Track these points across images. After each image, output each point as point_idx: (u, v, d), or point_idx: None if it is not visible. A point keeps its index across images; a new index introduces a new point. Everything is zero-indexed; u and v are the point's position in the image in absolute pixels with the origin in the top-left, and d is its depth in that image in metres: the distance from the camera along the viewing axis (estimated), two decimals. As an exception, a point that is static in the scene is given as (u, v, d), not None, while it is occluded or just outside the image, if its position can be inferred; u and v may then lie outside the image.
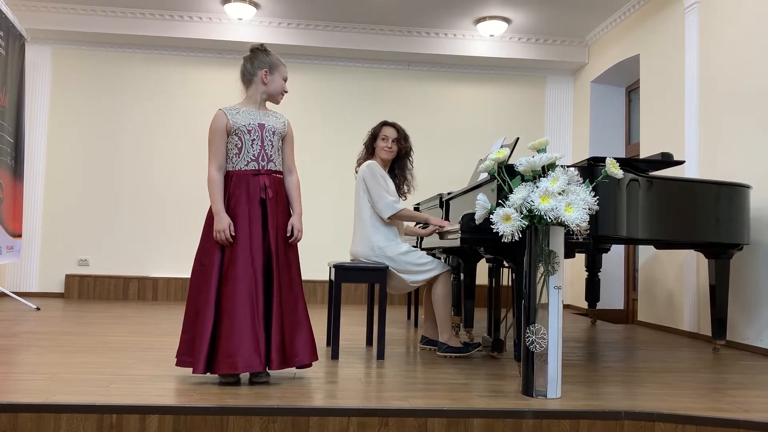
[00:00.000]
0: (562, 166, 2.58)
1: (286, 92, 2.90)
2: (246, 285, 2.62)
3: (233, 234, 2.66)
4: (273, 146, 2.78)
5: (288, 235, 2.77)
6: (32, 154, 6.48)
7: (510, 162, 2.79)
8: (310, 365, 2.78)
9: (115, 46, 6.70)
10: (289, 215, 2.82)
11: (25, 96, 6.07)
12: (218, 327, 2.60)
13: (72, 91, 6.67)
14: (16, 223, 5.81)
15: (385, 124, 3.79)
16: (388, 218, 3.55)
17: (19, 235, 5.92)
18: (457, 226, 3.17)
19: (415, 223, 3.92)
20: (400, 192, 3.77)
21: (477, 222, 2.73)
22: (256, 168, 2.74)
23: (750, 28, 4.25)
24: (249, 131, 2.74)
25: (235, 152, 2.74)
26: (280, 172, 2.82)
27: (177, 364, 2.69)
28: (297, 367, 2.75)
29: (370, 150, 3.76)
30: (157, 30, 6.44)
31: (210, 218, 2.74)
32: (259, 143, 2.75)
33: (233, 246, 2.66)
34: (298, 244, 2.85)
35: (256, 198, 2.71)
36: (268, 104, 2.92)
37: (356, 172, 3.79)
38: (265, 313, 2.65)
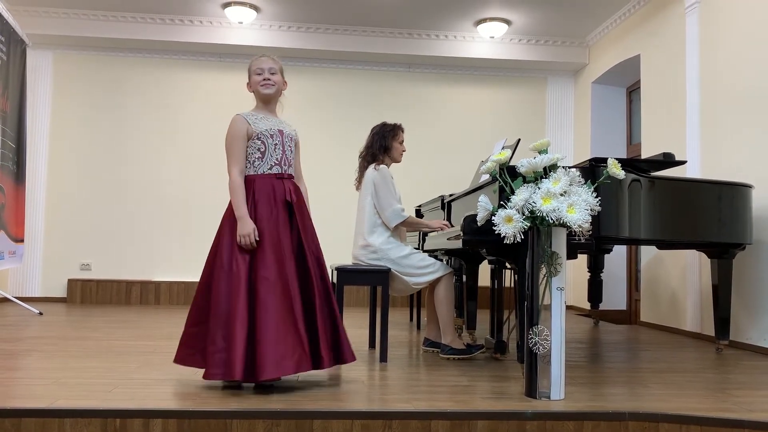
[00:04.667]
0: (563, 167, 2.58)
1: (266, 80, 2.80)
2: (282, 288, 2.60)
3: (257, 239, 2.63)
4: (291, 152, 2.84)
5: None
6: (34, 159, 6.49)
7: (511, 163, 2.79)
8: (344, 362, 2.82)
9: (116, 51, 6.72)
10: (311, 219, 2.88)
11: (26, 101, 6.08)
12: (255, 333, 2.53)
13: (73, 95, 6.68)
14: (19, 227, 5.82)
15: (402, 128, 3.78)
16: (393, 226, 3.55)
17: (22, 240, 5.93)
18: (458, 229, 3.17)
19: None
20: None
21: (479, 224, 2.73)
22: (280, 172, 2.76)
23: (750, 27, 4.25)
24: (272, 136, 2.76)
25: (258, 156, 2.74)
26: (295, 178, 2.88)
27: (207, 377, 2.55)
28: (342, 364, 2.81)
29: (382, 149, 3.70)
30: (157, 34, 6.45)
31: (228, 222, 2.70)
32: (281, 148, 2.77)
33: (261, 250, 2.63)
34: None
35: (282, 201, 2.72)
36: (280, 108, 2.93)
37: (360, 167, 3.75)
38: (308, 314, 2.65)
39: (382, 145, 3.70)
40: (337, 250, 6.41)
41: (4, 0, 5.55)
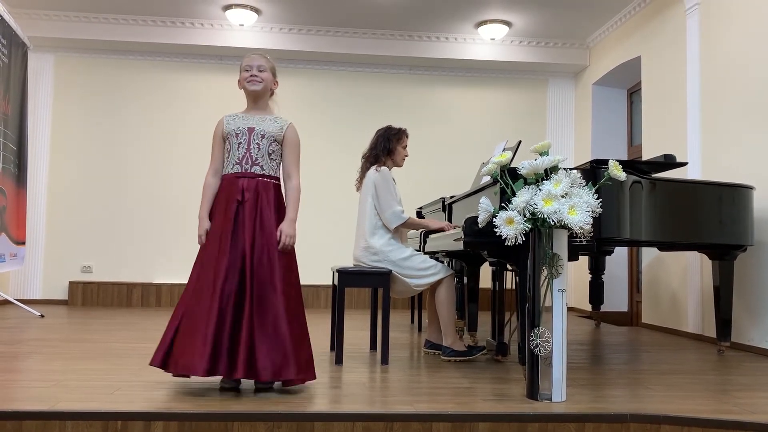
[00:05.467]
0: (564, 168, 2.58)
1: (253, 76, 2.78)
2: (204, 288, 2.61)
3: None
4: (260, 149, 2.75)
5: (276, 240, 2.68)
6: (35, 162, 6.50)
7: (512, 165, 2.79)
8: (290, 381, 2.59)
9: (116, 53, 6.72)
10: (279, 220, 2.72)
11: (27, 104, 6.08)
12: (179, 328, 2.62)
13: (75, 98, 6.69)
14: (20, 230, 5.82)
15: (407, 133, 3.79)
16: (394, 228, 3.56)
17: (23, 243, 5.93)
18: (459, 230, 3.17)
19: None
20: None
21: (480, 225, 2.73)
22: (239, 171, 2.75)
23: (751, 28, 4.25)
24: (237, 135, 2.76)
25: (226, 156, 2.80)
26: (271, 176, 2.77)
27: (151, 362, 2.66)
28: (267, 381, 2.59)
29: (386, 151, 3.71)
30: (158, 37, 6.46)
31: None
32: (245, 146, 2.75)
33: (204, 249, 2.72)
34: (299, 249, 2.84)
35: (233, 201, 2.71)
36: (276, 109, 2.92)
37: (362, 168, 3.76)
38: (234, 317, 2.58)
39: (386, 147, 3.71)
40: (338, 252, 6.43)
41: (6, 3, 5.56)
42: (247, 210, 2.69)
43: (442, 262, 3.97)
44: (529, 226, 2.49)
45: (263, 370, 2.53)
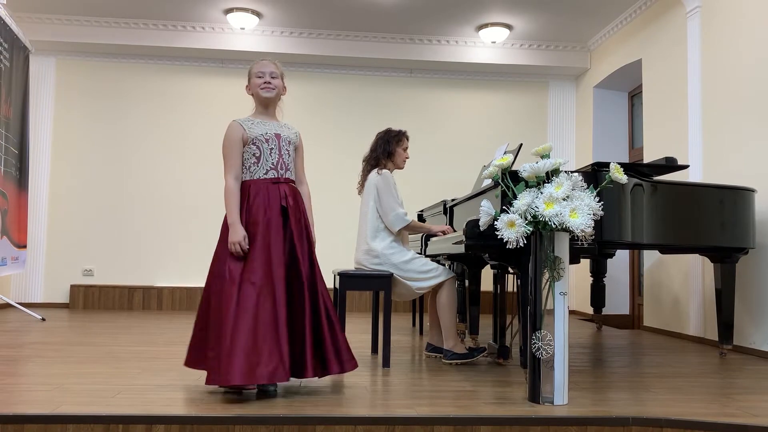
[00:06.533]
0: (566, 171, 2.58)
1: (267, 83, 2.79)
2: (267, 293, 2.58)
3: (248, 245, 2.64)
4: (290, 155, 2.81)
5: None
6: (37, 165, 6.51)
7: (514, 168, 2.79)
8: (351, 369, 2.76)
9: (118, 57, 6.74)
10: (308, 224, 2.84)
11: (29, 107, 6.10)
12: (242, 338, 2.52)
13: (76, 101, 6.70)
14: (21, 233, 5.83)
15: (407, 135, 3.80)
16: (396, 231, 3.56)
17: (24, 246, 5.93)
18: (460, 233, 3.17)
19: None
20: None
21: (481, 228, 2.73)
22: (276, 176, 2.74)
23: (752, 31, 4.25)
24: (267, 140, 2.75)
25: (253, 161, 2.74)
26: (295, 182, 2.85)
27: (207, 382, 2.52)
28: (338, 373, 2.75)
29: (386, 154, 3.72)
30: (160, 40, 6.47)
31: (224, 230, 2.70)
32: (277, 152, 2.76)
33: (252, 255, 2.62)
34: None
35: (277, 206, 2.70)
36: (280, 114, 2.93)
37: (363, 171, 3.76)
38: (297, 321, 2.62)
39: (386, 150, 3.71)
40: (339, 255, 6.43)
41: (8, 6, 5.57)
42: (292, 215, 2.73)
43: (444, 265, 3.97)
44: (531, 229, 2.49)
45: (334, 365, 2.69)
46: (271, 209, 2.69)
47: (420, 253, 4.14)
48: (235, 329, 2.51)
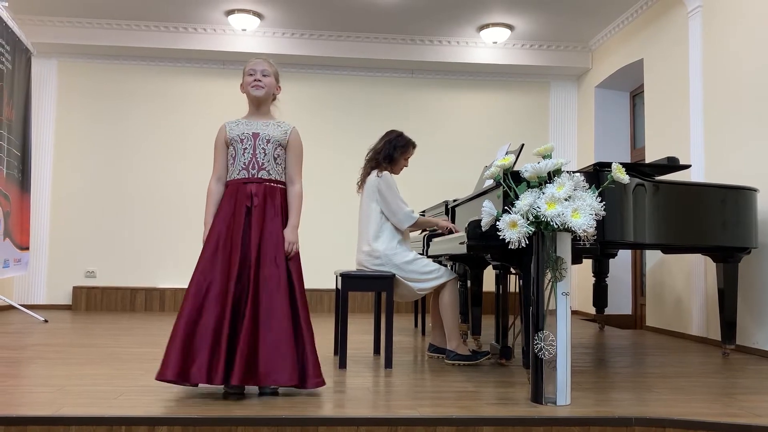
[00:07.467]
0: (568, 171, 2.57)
1: (257, 81, 2.78)
2: (215, 292, 2.59)
3: (213, 246, 2.68)
4: (266, 154, 2.76)
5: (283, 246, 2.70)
6: (39, 167, 6.52)
7: (515, 168, 2.79)
8: (296, 386, 2.58)
9: (120, 59, 6.75)
10: (284, 225, 2.74)
11: (31, 109, 6.11)
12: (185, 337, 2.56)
13: (78, 103, 6.71)
14: (24, 235, 5.84)
15: (415, 146, 3.82)
16: (406, 228, 3.59)
17: (27, 248, 5.94)
18: (463, 234, 3.17)
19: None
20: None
21: (483, 229, 2.73)
22: (246, 176, 2.74)
23: (753, 30, 4.25)
24: (242, 140, 2.76)
25: (231, 162, 2.79)
26: (278, 181, 2.78)
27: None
28: (273, 386, 2.59)
29: (388, 159, 3.71)
30: (161, 42, 6.48)
31: None
32: (251, 152, 2.75)
33: (212, 257, 2.66)
34: (302, 253, 2.82)
35: (242, 206, 2.70)
36: (278, 114, 2.92)
37: (363, 169, 3.77)
38: (235, 325, 2.58)
39: (388, 155, 3.72)
40: (341, 256, 6.42)
41: (10, 8, 5.58)
42: (255, 215, 2.70)
43: (446, 265, 3.97)
44: (533, 230, 2.48)
45: (264, 377, 2.54)
46: (236, 210, 2.70)
47: (422, 254, 4.15)
48: (177, 328, 2.56)
